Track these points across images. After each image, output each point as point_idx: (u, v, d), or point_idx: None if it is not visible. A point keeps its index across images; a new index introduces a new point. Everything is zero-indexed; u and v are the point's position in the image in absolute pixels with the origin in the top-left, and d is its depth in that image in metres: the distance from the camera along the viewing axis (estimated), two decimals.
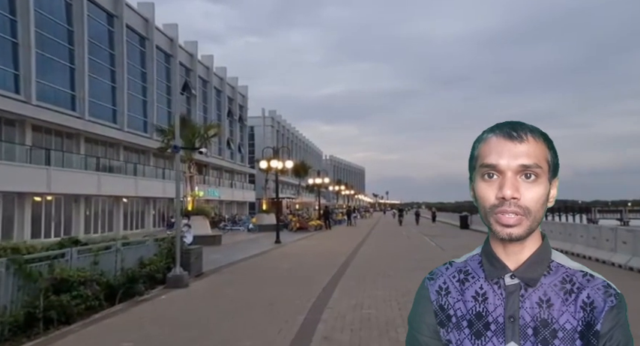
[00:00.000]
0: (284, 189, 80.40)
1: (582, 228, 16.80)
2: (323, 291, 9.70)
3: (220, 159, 57.64)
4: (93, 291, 7.25)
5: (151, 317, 7.54)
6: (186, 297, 9.08)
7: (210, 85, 55.06)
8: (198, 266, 11.88)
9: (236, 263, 14.57)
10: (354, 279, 11.18)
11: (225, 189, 54.62)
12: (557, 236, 18.69)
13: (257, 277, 11.72)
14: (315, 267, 13.50)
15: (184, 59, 48.41)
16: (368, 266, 13.54)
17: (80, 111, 31.39)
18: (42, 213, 27.49)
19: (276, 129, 79.34)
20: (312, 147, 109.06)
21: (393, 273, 11.95)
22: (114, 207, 34.89)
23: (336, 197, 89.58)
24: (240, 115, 66.57)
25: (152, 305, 8.33)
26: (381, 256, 16.63)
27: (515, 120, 1.01)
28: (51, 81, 29.18)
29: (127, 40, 36.99)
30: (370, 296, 9.15)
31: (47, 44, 28.61)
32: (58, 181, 26.76)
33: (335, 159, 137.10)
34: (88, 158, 31.32)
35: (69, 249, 7.60)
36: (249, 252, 17.98)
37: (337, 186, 73.63)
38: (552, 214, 76.69)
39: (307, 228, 34.00)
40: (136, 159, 38.84)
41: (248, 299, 8.96)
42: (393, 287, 9.90)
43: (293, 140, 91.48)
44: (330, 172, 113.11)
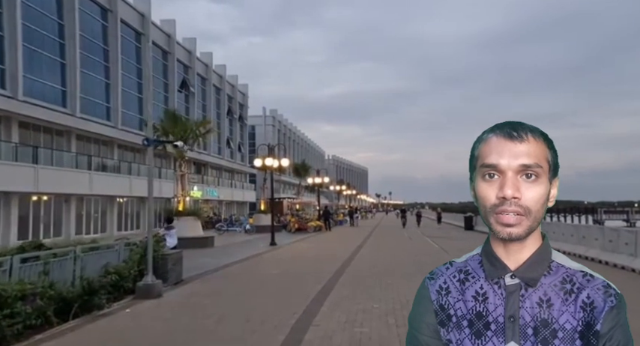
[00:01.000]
0: (285, 189, 79.40)
1: (597, 230, 15.61)
2: (312, 303, 8.58)
3: (220, 158, 56.58)
4: (36, 307, 6.15)
5: (105, 336, 6.44)
6: (153, 311, 7.96)
7: (209, 83, 53.96)
8: (177, 272, 10.76)
9: (223, 268, 13.46)
10: (348, 288, 10.05)
11: (224, 189, 53.51)
12: (568, 239, 17.51)
13: (241, 285, 10.60)
14: (308, 273, 12.37)
15: (182, 56, 47.32)
16: (365, 273, 12.41)
17: (71, 108, 30.33)
18: (30, 214, 26.47)
19: (278, 128, 78.25)
20: (314, 147, 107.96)
21: (391, 281, 10.82)
22: (107, 207, 33.85)
23: (338, 197, 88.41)
24: (241, 114, 65.48)
25: (111, 320, 7.22)
26: (381, 260, 15.49)
27: (515, 120, 1.01)
28: (39, 76, 28.13)
29: (121, 35, 35.94)
30: (364, 310, 8.02)
31: (36, 38, 27.55)
32: (47, 180, 25.72)
33: (337, 159, 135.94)
34: (80, 156, 30.25)
35: (8, 258, 6.50)
36: (240, 255, 16.87)
37: (339, 186, 72.31)
38: (557, 215, 75.87)
39: (306, 229, 32.90)
40: (131, 158, 37.77)
41: (224, 313, 7.86)
42: (391, 299, 8.78)
43: (295, 139, 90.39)
44: (333, 172, 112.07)
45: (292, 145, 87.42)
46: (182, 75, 47.49)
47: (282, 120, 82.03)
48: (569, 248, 16.53)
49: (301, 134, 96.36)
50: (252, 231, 30.97)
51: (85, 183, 29.42)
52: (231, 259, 15.55)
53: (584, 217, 71.81)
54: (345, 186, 77.19)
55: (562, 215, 76.66)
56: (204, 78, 53.14)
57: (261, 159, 24.24)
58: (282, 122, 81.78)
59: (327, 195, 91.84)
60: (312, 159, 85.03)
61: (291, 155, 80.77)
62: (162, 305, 8.30)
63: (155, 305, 8.29)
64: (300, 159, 70.32)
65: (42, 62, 28.54)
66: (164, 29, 43.38)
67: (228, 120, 60.89)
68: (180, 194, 21.47)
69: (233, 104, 62.33)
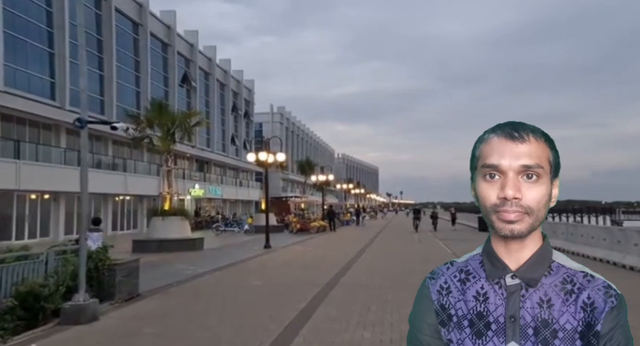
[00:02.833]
0: (293, 188, 77.44)
1: (637, 234, 13.38)
2: (285, 330, 6.61)
3: (224, 155, 54.78)
4: None
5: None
6: (70, 344, 6.02)
7: (212, 78, 52.14)
8: (131, 286, 8.83)
9: (196, 277, 11.52)
10: (336, 307, 8.06)
11: (228, 188, 51.69)
12: (599, 243, 15.27)
13: (206, 302, 8.64)
14: (294, 285, 10.40)
15: (184, 49, 45.53)
16: (362, 285, 10.40)
17: (60, 101, 28.64)
18: (13, 212, 24.79)
19: (285, 125, 76.26)
20: (322, 145, 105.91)
21: (393, 296, 8.81)
22: (101, 206, 32.14)
23: (345, 196, 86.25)
24: (247, 110, 63.63)
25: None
26: (383, 268, 13.46)
27: (516, 121, 1.01)
28: (24, 66, 26.45)
29: (116, 24, 34.20)
30: (351, 342, 6.03)
31: (19, 25, 25.86)
32: (31, 177, 23.99)
33: (348, 158, 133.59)
34: (69, 152, 28.53)
35: None
36: (225, 261, 14.93)
37: (346, 185, 70.06)
38: (574, 215, 73.26)
39: (309, 230, 30.93)
40: (127, 155, 36.03)
41: (167, 345, 5.92)
42: (389, 324, 6.78)
43: (303, 137, 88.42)
44: (343, 171, 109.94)
45: (300, 143, 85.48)
46: (183, 69, 45.73)
47: (290, 118, 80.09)
48: (602, 254, 14.36)
49: (310, 132, 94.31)
50: (252, 232, 29.06)
51: (75, 180, 27.63)
52: (212, 265, 13.61)
53: (602, 218, 69.41)
54: (353, 185, 74.83)
55: (578, 215, 74.15)
56: (207, 72, 51.33)
57: (254, 154, 22.20)
58: (290, 119, 79.82)
59: (336, 195, 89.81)
60: (321, 158, 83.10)
61: (299, 153, 78.83)
62: (85, 335, 6.32)
63: (76, 335, 6.30)
64: (306, 156, 68.35)
65: (26, 51, 26.83)
66: (164, 20, 41.62)
67: (233, 117, 59.07)
68: (167, 192, 19.58)
69: (238, 100, 60.48)
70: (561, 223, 24.64)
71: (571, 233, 17.97)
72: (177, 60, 44.03)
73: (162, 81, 42.29)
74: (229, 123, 57.57)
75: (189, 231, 20.17)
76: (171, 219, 18.90)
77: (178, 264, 14.14)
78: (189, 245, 18.94)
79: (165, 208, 19.36)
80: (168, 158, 19.72)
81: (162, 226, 18.92)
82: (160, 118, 19.27)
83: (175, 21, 43.01)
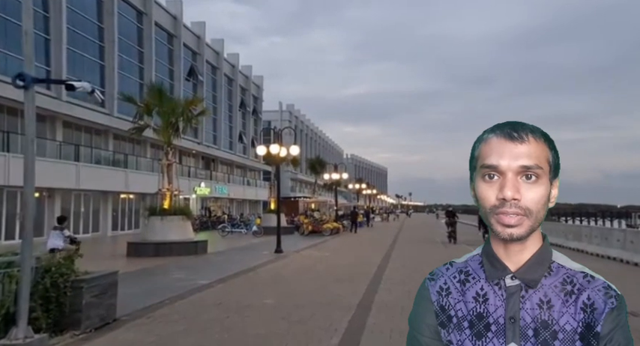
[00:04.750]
0: (302, 188, 75.31)
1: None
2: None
3: (231, 153, 52.73)
4: None
5: None
6: None
7: (220, 72, 50.07)
8: (105, 309, 6.67)
9: (194, 292, 9.34)
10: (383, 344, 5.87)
11: (235, 187, 49.58)
12: (626, 245, 13.52)
13: (204, 333, 6.43)
14: (317, 306, 8.20)
15: (190, 41, 43.48)
16: (405, 306, 8.20)
17: (56, 91, 26.64)
18: (2, 210, 22.85)
19: (295, 124, 74.13)
20: (331, 144, 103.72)
21: None
22: (100, 204, 30.16)
23: (357, 197, 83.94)
24: (255, 107, 61.59)
25: None
26: (415, 279, 11.24)
27: (515, 121, 1.00)
28: (16, 52, 24.45)
29: (118, 12, 32.20)
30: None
31: (10, 7, 23.88)
32: (21, 171, 21.95)
33: (356, 158, 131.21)
34: (65, 146, 26.54)
35: None
36: (231, 268, 12.77)
37: (357, 185, 67.72)
38: (588, 219, 70.90)
39: (321, 232, 28.76)
40: (130, 150, 34.02)
41: None
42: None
43: (312, 136, 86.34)
44: (352, 172, 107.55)
45: (309, 142, 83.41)
46: (189, 62, 43.72)
47: (299, 116, 78.03)
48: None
49: (318, 131, 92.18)
50: (260, 233, 26.89)
51: (71, 176, 25.70)
52: (215, 275, 11.45)
53: (617, 222, 67.24)
54: (365, 185, 72.51)
55: (592, 219, 71.77)
56: (214, 66, 49.27)
57: (264, 147, 19.96)
58: (299, 117, 77.74)
59: (345, 195, 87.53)
60: (329, 157, 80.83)
61: (309, 152, 76.69)
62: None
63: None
64: (315, 155, 66.17)
65: (18, 36, 24.83)
66: (170, 10, 39.60)
67: (241, 114, 57.05)
68: (166, 188, 17.45)
69: (246, 96, 58.45)
70: (595, 227, 22.86)
71: (605, 237, 16.60)
72: (184, 52, 42.01)
73: (167, 73, 40.28)
74: (237, 119, 55.53)
75: (192, 232, 18.04)
76: (171, 218, 16.78)
77: (175, 272, 11.99)
78: (190, 248, 16.82)
79: (165, 207, 17.23)
80: (168, 150, 17.58)
81: (161, 227, 16.82)
82: (159, 105, 17.15)
83: (182, 11, 40.99)
